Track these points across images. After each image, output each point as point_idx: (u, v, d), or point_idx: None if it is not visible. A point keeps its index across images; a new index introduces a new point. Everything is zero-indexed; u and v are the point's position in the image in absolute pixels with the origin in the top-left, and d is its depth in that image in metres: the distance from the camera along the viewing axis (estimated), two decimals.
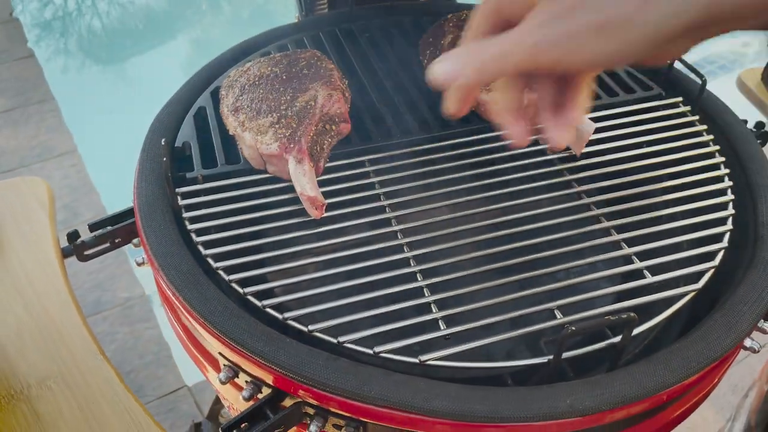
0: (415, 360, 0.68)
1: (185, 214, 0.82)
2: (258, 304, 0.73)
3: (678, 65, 1.04)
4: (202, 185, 0.87)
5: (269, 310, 0.72)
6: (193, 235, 0.80)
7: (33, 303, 0.76)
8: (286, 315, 0.71)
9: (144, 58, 4.40)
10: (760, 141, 1.07)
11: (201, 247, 0.79)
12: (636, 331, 0.70)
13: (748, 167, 0.90)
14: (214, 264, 0.77)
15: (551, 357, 0.68)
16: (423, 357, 0.68)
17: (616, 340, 0.69)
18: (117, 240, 0.90)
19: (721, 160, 0.93)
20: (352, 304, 0.73)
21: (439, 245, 0.80)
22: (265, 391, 0.71)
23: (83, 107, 3.75)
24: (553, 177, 0.90)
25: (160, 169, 0.88)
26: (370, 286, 0.75)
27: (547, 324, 0.71)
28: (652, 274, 0.77)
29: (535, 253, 0.79)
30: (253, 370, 0.70)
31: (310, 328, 0.70)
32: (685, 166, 0.92)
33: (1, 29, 3.97)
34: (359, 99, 1.02)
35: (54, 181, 2.96)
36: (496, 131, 0.96)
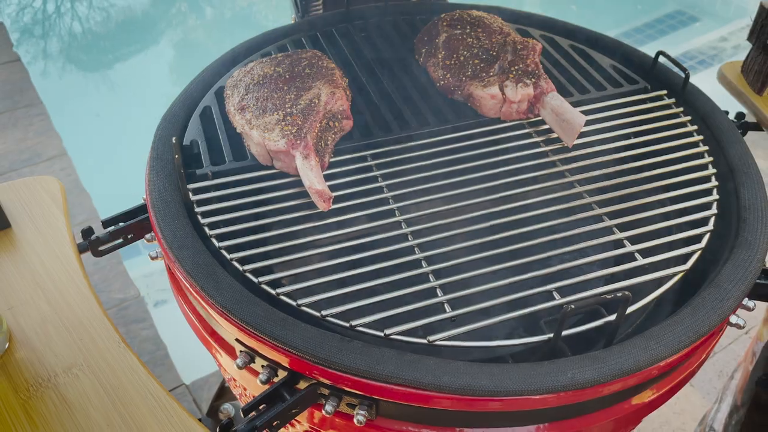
0: (424, 341, 0.72)
1: (197, 209, 0.86)
2: (272, 292, 0.76)
3: (662, 60, 1.09)
4: (212, 181, 0.90)
5: (284, 298, 0.76)
6: (206, 229, 0.84)
7: (55, 297, 0.79)
8: (300, 301, 0.75)
9: (128, 59, 4.41)
10: (741, 130, 1.13)
11: (214, 240, 0.82)
12: (630, 309, 0.74)
13: (730, 155, 0.95)
14: (228, 255, 0.80)
15: (551, 335, 0.72)
16: (431, 338, 0.72)
17: (612, 318, 0.74)
18: (130, 235, 0.93)
19: (705, 149, 0.98)
20: (362, 290, 0.77)
21: (441, 233, 0.84)
22: (281, 374, 0.75)
23: (71, 110, 3.75)
24: (547, 168, 0.95)
25: (171, 167, 0.91)
26: (378, 274, 0.79)
27: (546, 305, 0.75)
28: (643, 256, 0.82)
29: (532, 240, 0.83)
30: (270, 353, 0.74)
31: (323, 313, 0.74)
32: (672, 155, 0.96)
33: None
34: (359, 96, 1.06)
35: None
36: (492, 125, 1.00)
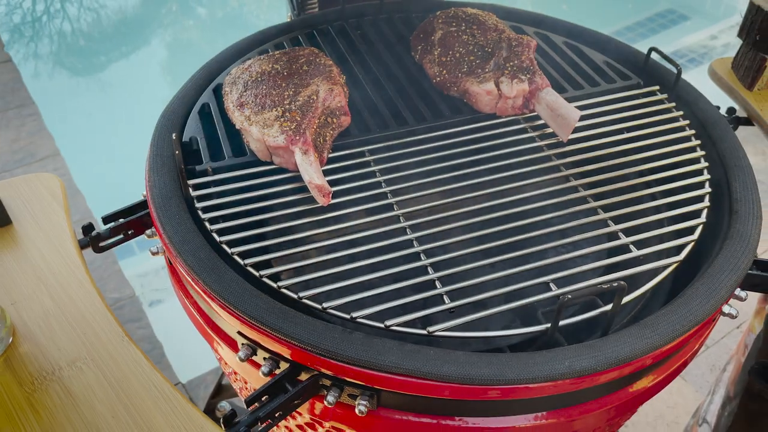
0: (424, 332, 0.73)
1: (198, 204, 0.87)
2: (273, 285, 0.77)
3: (655, 56, 1.11)
4: (211, 177, 0.91)
5: (285, 291, 0.77)
6: (206, 224, 0.85)
7: (57, 292, 0.80)
8: (301, 294, 0.76)
9: (120, 59, 4.40)
10: (732, 125, 1.15)
11: (215, 235, 0.83)
12: (625, 299, 0.76)
13: (721, 149, 0.97)
14: (229, 250, 0.81)
15: (548, 325, 0.74)
16: (431, 329, 0.73)
17: (608, 308, 0.75)
18: (130, 231, 0.93)
19: (697, 143, 1.00)
20: (361, 283, 0.78)
21: (439, 227, 0.86)
22: (283, 366, 0.76)
23: (63, 110, 3.74)
24: (542, 162, 0.96)
25: (171, 163, 0.92)
26: (377, 267, 0.80)
27: (543, 295, 0.77)
28: (637, 248, 0.83)
29: (528, 233, 0.85)
30: (272, 345, 0.75)
31: (324, 305, 0.75)
32: (665, 149, 0.98)
33: None
34: (356, 93, 1.07)
35: None
36: (488, 121, 1.02)
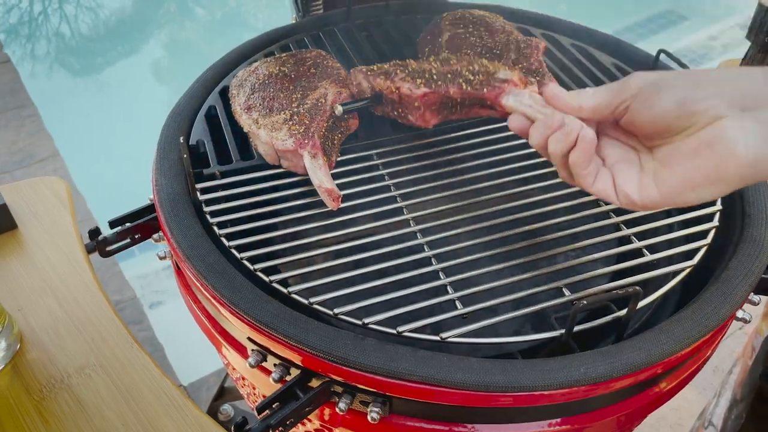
0: (436, 338, 0.72)
1: (206, 209, 0.86)
2: (284, 290, 0.76)
3: (663, 57, 1.11)
4: (219, 181, 0.90)
5: (295, 296, 0.76)
6: (215, 228, 0.84)
7: (65, 297, 0.79)
8: (312, 300, 0.75)
9: (120, 60, 4.39)
10: None
11: (224, 239, 0.82)
12: (639, 304, 0.75)
13: None
14: (238, 254, 0.81)
15: (562, 331, 0.73)
16: (444, 335, 0.72)
17: (622, 313, 0.75)
18: (137, 236, 0.93)
19: None
20: (372, 288, 0.77)
21: (449, 231, 0.85)
22: (294, 372, 0.75)
23: (62, 111, 3.73)
24: (553, 165, 0.95)
25: (178, 167, 0.91)
26: (387, 272, 0.79)
27: (556, 301, 0.76)
28: (650, 252, 0.83)
29: (540, 237, 0.84)
30: (283, 352, 0.74)
31: (336, 311, 0.74)
32: None
33: None
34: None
35: None
36: (498, 123, 1.01)
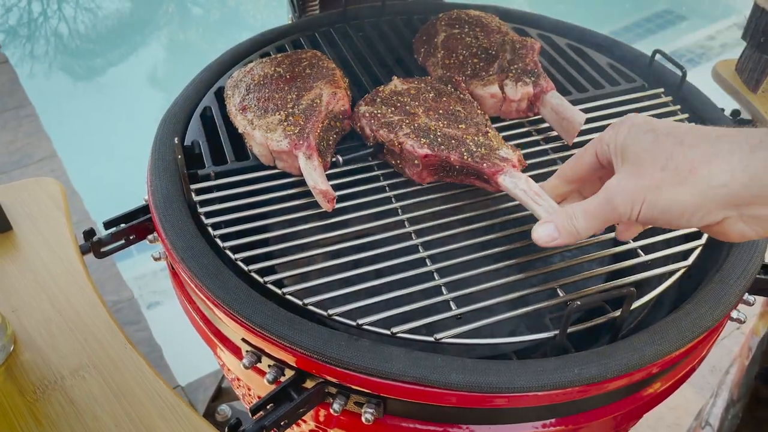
0: (431, 338, 0.72)
1: (200, 210, 0.86)
2: (278, 291, 0.76)
3: (659, 57, 1.11)
4: (214, 182, 0.90)
5: (290, 297, 0.76)
6: (210, 229, 0.84)
7: (59, 299, 0.79)
8: (306, 301, 0.75)
9: (118, 60, 4.39)
10: None
11: (219, 240, 0.82)
12: (634, 305, 0.75)
13: None
14: (232, 256, 0.80)
15: (557, 332, 0.73)
16: (438, 335, 0.72)
17: (617, 313, 0.75)
18: (132, 237, 0.92)
19: None
20: (366, 289, 0.77)
21: (443, 232, 0.85)
22: (288, 373, 0.75)
23: (60, 111, 3.72)
24: (547, 166, 0.95)
25: (173, 167, 0.91)
26: (381, 272, 0.79)
27: (551, 302, 0.76)
28: (645, 253, 0.83)
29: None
30: (277, 353, 0.74)
31: (330, 312, 0.74)
32: None
33: None
34: (359, 96, 1.06)
35: None
36: (493, 124, 1.01)
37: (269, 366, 0.76)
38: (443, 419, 0.74)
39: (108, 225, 0.92)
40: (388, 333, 0.72)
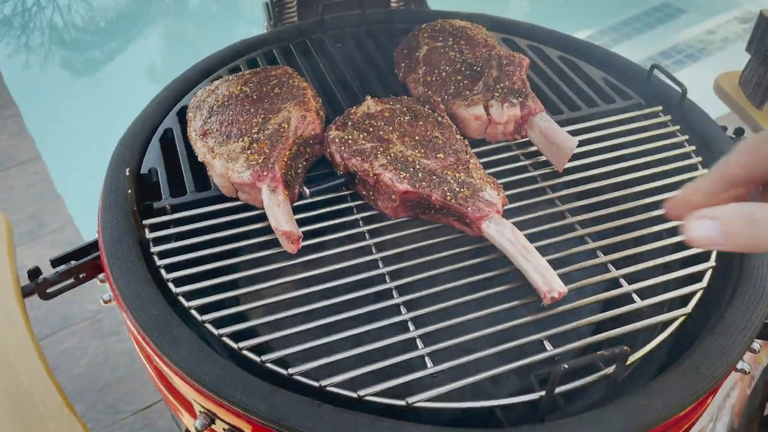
0: (402, 402, 0.65)
1: (154, 249, 0.78)
2: (234, 346, 0.69)
3: (657, 73, 1.03)
4: (171, 216, 0.82)
5: (246, 353, 0.68)
6: (162, 272, 0.76)
7: None
8: (264, 358, 0.67)
9: (104, 60, 4.28)
10: None
11: (172, 285, 0.75)
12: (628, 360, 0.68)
13: None
14: (186, 303, 0.73)
15: (542, 393, 0.65)
16: (410, 399, 0.65)
17: (609, 371, 0.67)
18: (82, 275, 0.85)
19: (704, 172, 0.91)
20: (334, 342, 0.70)
21: (421, 274, 0.77)
22: None
23: (45, 112, 3.62)
24: (536, 195, 0.87)
25: (126, 201, 0.83)
26: (353, 322, 0.72)
27: (537, 357, 0.69)
28: (641, 297, 0.75)
29: (521, 279, 0.76)
30: (231, 418, 0.66)
31: (291, 371, 0.66)
32: (668, 179, 0.90)
33: None
34: (334, 116, 0.98)
35: (17, 190, 2.86)
36: (477, 147, 0.93)
37: (224, 430, 0.69)
38: None
39: (56, 263, 0.84)
40: (355, 396, 0.65)
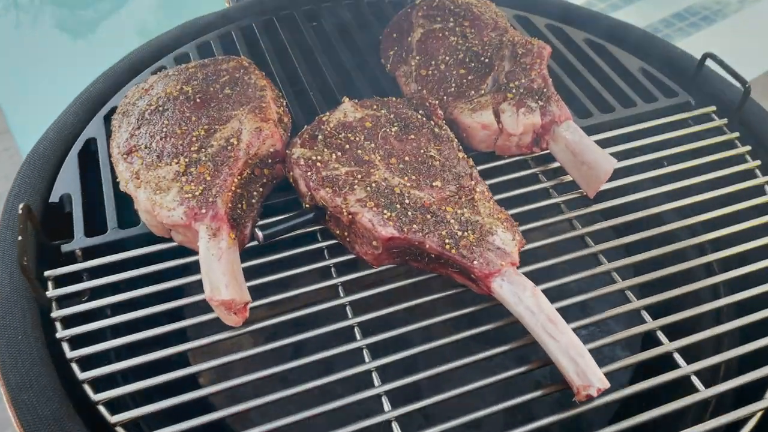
0: None
1: (56, 313, 0.59)
2: None
3: (712, 64, 0.82)
4: (82, 264, 0.63)
5: None
6: (65, 347, 0.57)
7: None
8: None
9: (79, 30, 4.00)
10: None
11: (76, 367, 0.56)
12: None
13: None
14: (92, 395, 0.54)
15: None
16: None
17: None
18: None
19: None
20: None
21: (408, 351, 0.58)
22: None
23: (15, 84, 3.39)
24: (560, 232, 0.68)
25: (31, 239, 0.64)
26: (314, 401, 0.53)
27: None
28: (704, 384, 0.56)
29: (534, 345, 0.57)
30: None
31: None
32: (728, 208, 0.70)
33: None
34: (304, 119, 0.78)
35: None
36: (483, 164, 0.73)
37: None
38: None
39: None
40: None
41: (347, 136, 0.67)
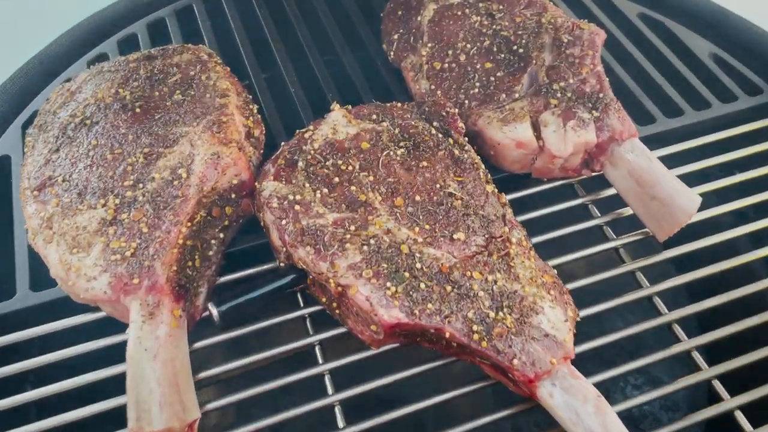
0: None
1: None
2: None
3: None
4: None
5: None
6: None
7: None
8: None
9: None
10: None
11: None
12: None
13: None
14: None
15: None
16: None
17: None
18: None
19: None
20: None
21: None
22: None
23: None
24: (620, 292, 0.51)
25: None
26: None
27: None
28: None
29: None
30: None
31: None
32: None
33: None
34: (280, 122, 0.60)
35: None
36: (516, 192, 0.56)
37: None
38: None
39: None
40: None
41: (337, 163, 0.49)
